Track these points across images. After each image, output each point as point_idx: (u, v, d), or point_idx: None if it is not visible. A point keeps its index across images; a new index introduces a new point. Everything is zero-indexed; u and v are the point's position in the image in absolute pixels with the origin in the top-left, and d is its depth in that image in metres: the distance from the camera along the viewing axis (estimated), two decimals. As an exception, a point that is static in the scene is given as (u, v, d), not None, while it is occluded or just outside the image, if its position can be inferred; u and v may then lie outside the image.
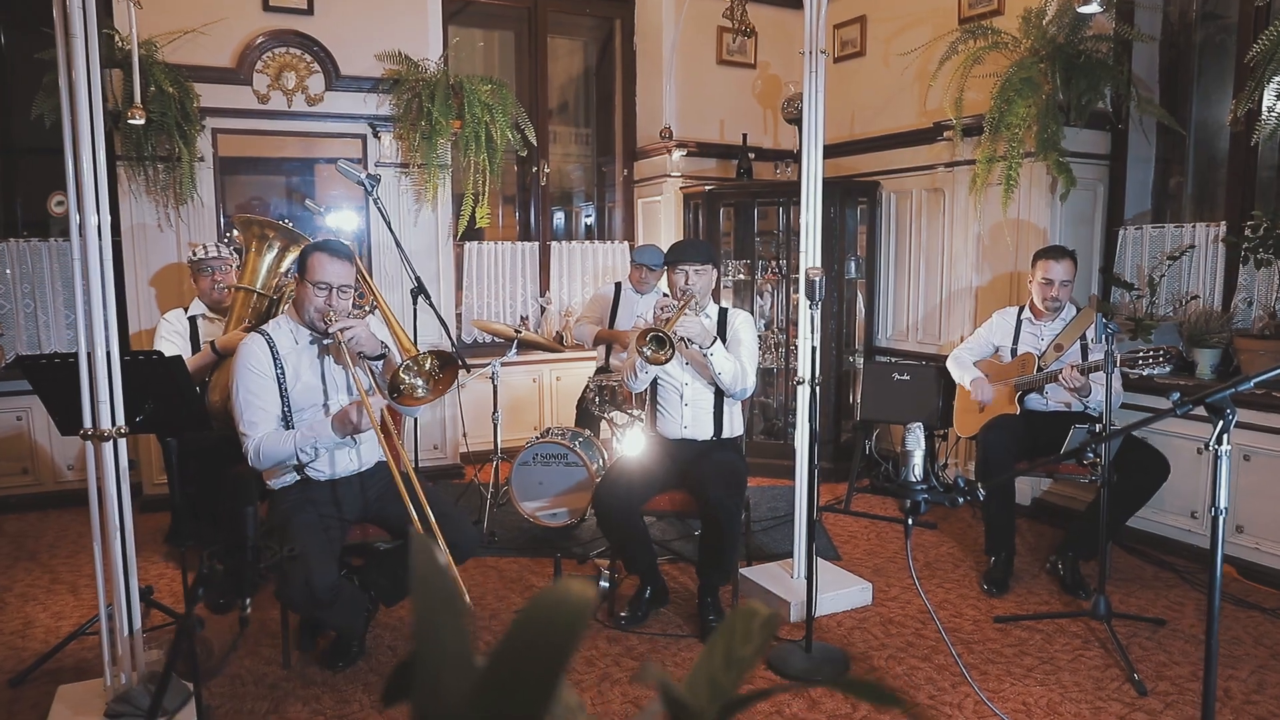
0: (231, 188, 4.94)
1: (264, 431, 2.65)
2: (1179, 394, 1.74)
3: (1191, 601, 3.48)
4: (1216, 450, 1.71)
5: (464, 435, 5.33)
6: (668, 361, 3.07)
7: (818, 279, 2.75)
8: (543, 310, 5.94)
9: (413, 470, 2.75)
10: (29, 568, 3.88)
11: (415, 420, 4.31)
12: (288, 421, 2.74)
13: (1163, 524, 3.97)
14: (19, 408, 4.54)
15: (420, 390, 2.73)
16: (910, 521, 2.02)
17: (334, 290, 2.65)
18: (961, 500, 1.91)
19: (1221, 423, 1.68)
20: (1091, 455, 3.02)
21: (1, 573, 3.82)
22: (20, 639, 3.19)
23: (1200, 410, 1.87)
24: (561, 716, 0.72)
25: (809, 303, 2.80)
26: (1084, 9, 3.59)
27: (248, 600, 1.62)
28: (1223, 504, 1.76)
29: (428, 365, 2.74)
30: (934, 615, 2.90)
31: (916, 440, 2.03)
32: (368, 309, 3.04)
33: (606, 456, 4.31)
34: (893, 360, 5.19)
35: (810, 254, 3.29)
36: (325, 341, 2.73)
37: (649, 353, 3.06)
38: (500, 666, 0.58)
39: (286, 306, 2.86)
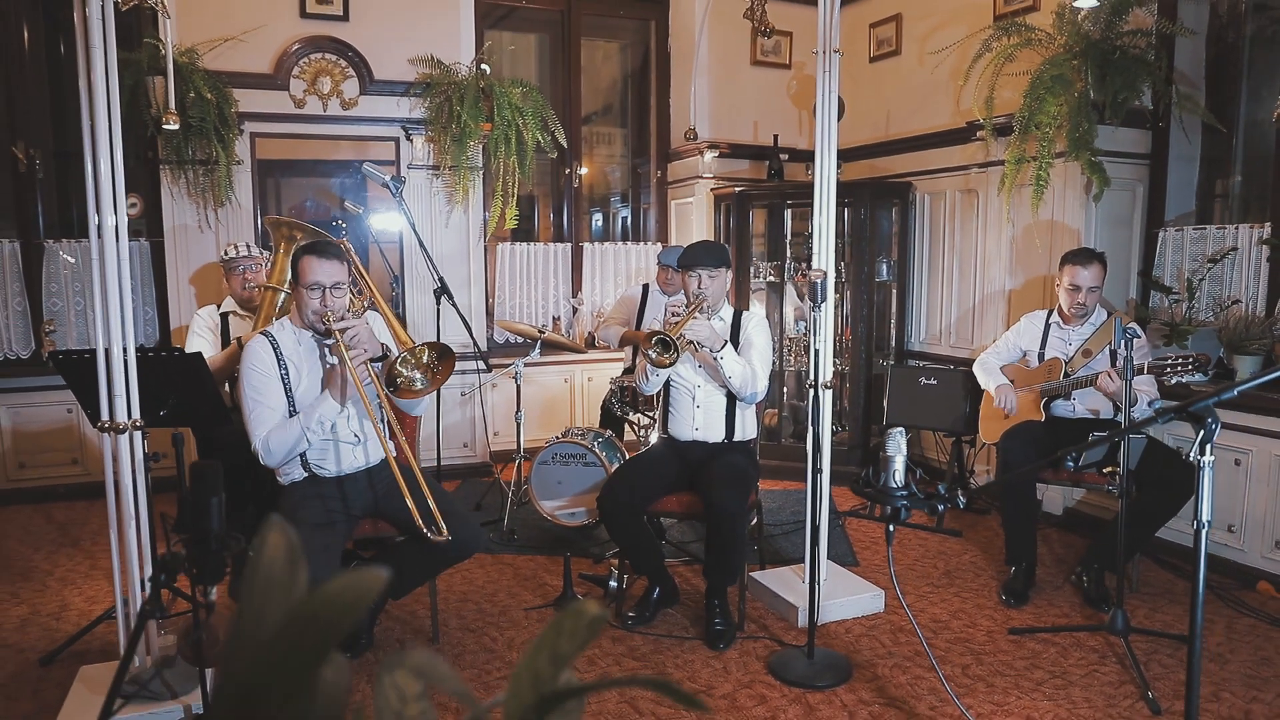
0: (270, 190, 5.10)
1: (270, 427, 2.73)
2: (1160, 401, 1.67)
3: (1223, 619, 3.34)
4: (1199, 461, 1.64)
5: (495, 433, 5.42)
6: (672, 365, 3.08)
7: (819, 281, 2.72)
8: (575, 311, 5.98)
9: (417, 466, 2.80)
10: (71, 554, 4.06)
11: (438, 418, 4.39)
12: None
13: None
14: (70, 401, 4.73)
15: (419, 383, 2.76)
16: (891, 528, 1.98)
17: (327, 290, 2.71)
18: (942, 507, 1.87)
19: (1203, 432, 1.61)
20: (1077, 457, 2.90)
21: (45, 558, 4.01)
22: (55, 620, 3.34)
23: (1230, 410, 1.79)
24: (392, 703, 0.74)
25: (811, 304, 2.77)
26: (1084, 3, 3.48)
27: (211, 588, 1.69)
28: (1205, 517, 1.69)
29: (425, 358, 2.77)
30: (914, 622, 2.86)
31: (897, 446, 1.99)
32: (365, 305, 3.09)
33: (627, 457, 4.32)
34: (921, 364, 5.10)
35: (823, 255, 3.26)
36: (328, 342, 2.79)
37: (654, 355, 3.07)
38: (285, 636, 0.60)
39: (290, 311, 2.93)
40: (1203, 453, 1.63)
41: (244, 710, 0.59)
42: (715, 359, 3.19)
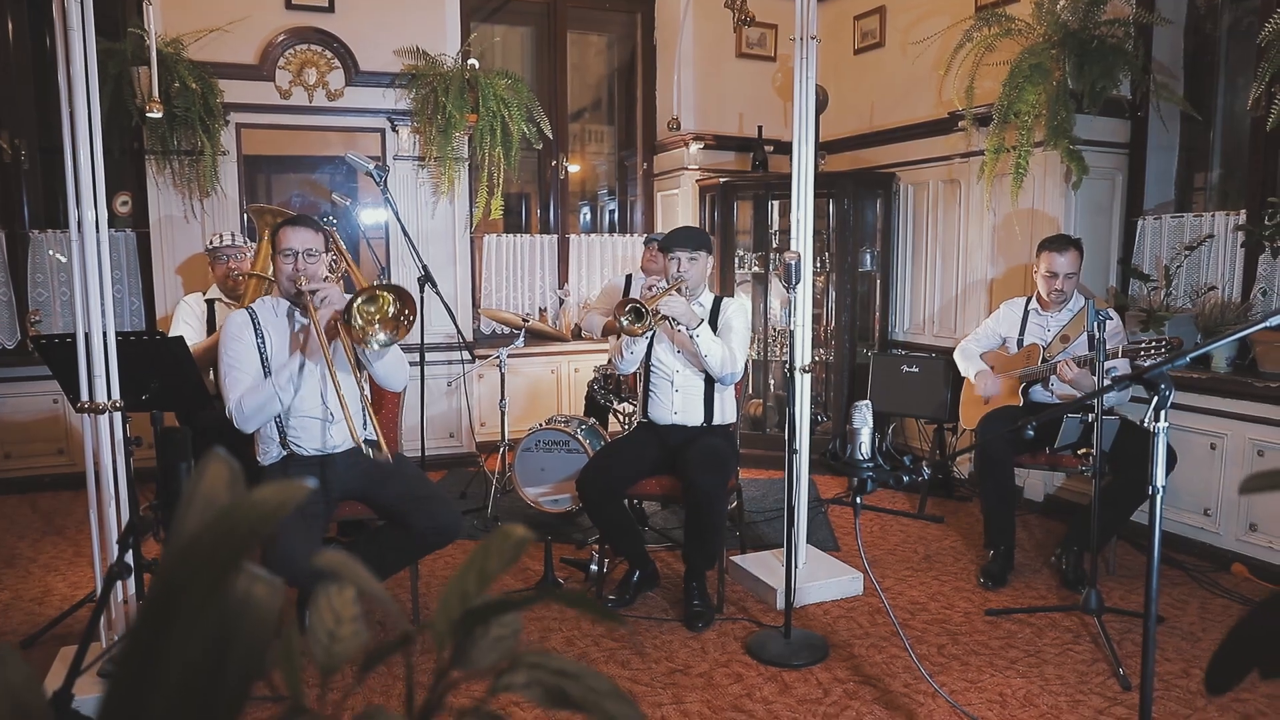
0: (259, 186, 5.11)
1: (242, 390, 2.76)
2: (1117, 369, 1.70)
3: (1196, 600, 3.38)
4: (1154, 427, 1.67)
5: (481, 424, 5.44)
6: (644, 334, 3.11)
7: (793, 262, 2.75)
8: (561, 302, 6.01)
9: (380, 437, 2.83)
10: (56, 541, 4.08)
11: (423, 408, 4.40)
12: None
13: (1174, 520, 3.85)
14: (55, 391, 4.73)
15: (377, 341, 2.66)
16: (859, 500, 2.01)
17: (299, 255, 2.75)
18: (907, 479, 1.90)
19: (1157, 398, 1.64)
20: (1036, 426, 2.92)
21: (30, 545, 4.02)
22: (38, 605, 3.36)
23: (1205, 395, 1.82)
24: (327, 622, 0.77)
25: (786, 285, 2.80)
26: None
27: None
28: (1160, 482, 1.71)
29: (390, 311, 2.67)
30: (884, 599, 2.89)
31: (864, 418, 2.02)
32: (340, 275, 3.12)
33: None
34: (904, 353, 5.13)
35: (801, 242, 3.29)
36: (298, 306, 2.82)
37: (626, 323, 3.10)
38: (206, 536, 0.63)
39: (274, 289, 2.97)
40: (1157, 418, 1.66)
41: (166, 612, 0.62)
42: (691, 337, 3.21)
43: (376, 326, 2.68)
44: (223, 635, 0.66)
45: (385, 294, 2.68)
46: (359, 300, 2.64)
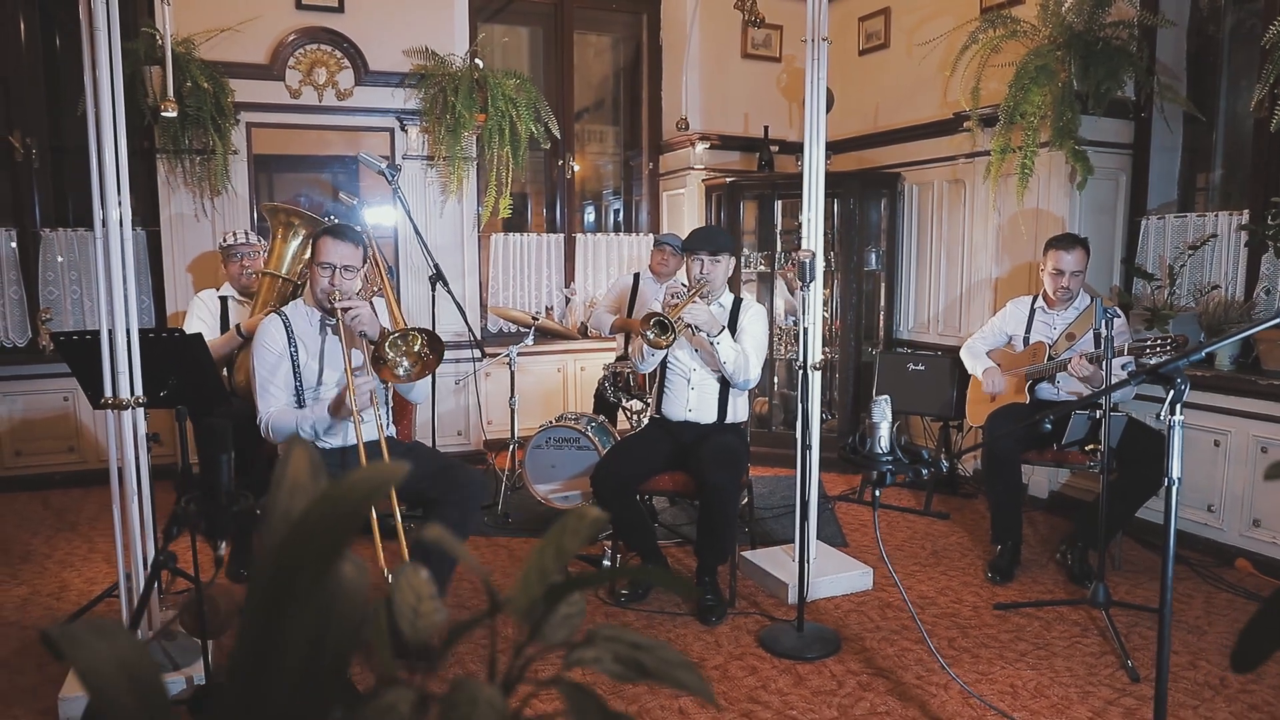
0: (266, 180, 5.14)
1: (276, 406, 2.80)
2: (1133, 363, 1.75)
3: (1201, 595, 3.42)
4: (1170, 421, 1.71)
5: (489, 422, 5.47)
6: (668, 346, 3.15)
7: (808, 260, 2.79)
8: (567, 301, 6.04)
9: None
10: (69, 538, 4.10)
11: (433, 405, 4.43)
12: (300, 396, 2.88)
13: (1178, 516, 3.89)
14: (66, 389, 4.78)
15: (403, 369, 2.78)
16: (877, 493, 2.05)
17: (337, 270, 2.78)
18: (925, 472, 1.93)
19: (1173, 393, 1.68)
20: (1054, 421, 2.96)
21: (44, 542, 4.04)
22: (55, 600, 3.39)
23: (1210, 392, 1.86)
24: (409, 599, 0.80)
25: (800, 283, 2.84)
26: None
27: (221, 543, 1.75)
28: (1175, 474, 1.76)
29: (416, 346, 2.80)
30: (901, 588, 2.95)
31: (882, 412, 2.06)
32: (374, 291, 3.16)
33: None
34: (909, 351, 5.18)
35: (811, 240, 3.32)
36: (330, 322, 2.85)
37: (651, 336, 3.14)
38: (313, 515, 0.66)
39: (305, 291, 3.00)
40: (1173, 412, 1.70)
41: (279, 589, 0.65)
42: (711, 343, 3.25)
43: (402, 358, 2.79)
44: (325, 613, 0.70)
45: (417, 334, 2.80)
46: (392, 336, 2.73)
